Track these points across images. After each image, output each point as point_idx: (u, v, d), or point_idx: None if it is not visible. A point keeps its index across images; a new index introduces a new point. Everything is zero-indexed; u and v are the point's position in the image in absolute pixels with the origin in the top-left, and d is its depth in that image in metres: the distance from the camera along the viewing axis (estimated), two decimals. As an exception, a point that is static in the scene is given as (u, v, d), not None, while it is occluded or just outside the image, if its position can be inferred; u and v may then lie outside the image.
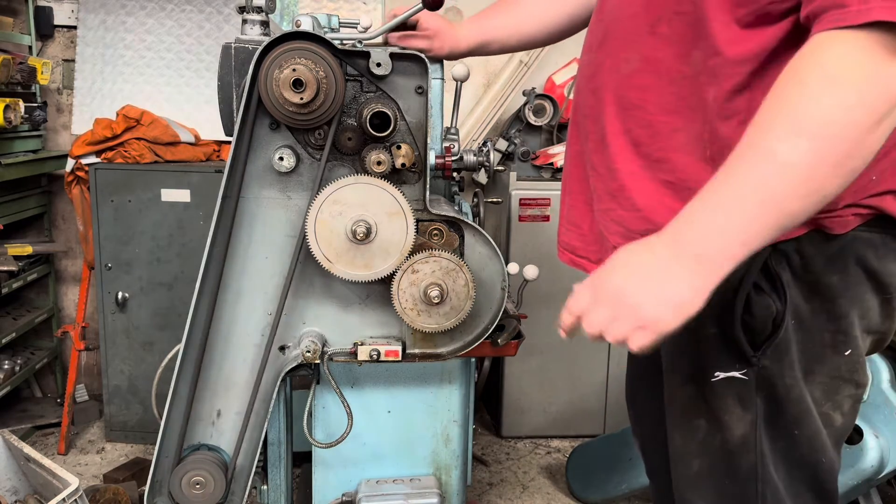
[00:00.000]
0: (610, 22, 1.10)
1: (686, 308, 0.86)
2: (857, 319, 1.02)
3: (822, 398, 1.04)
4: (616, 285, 0.89)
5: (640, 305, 0.87)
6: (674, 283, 0.86)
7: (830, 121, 0.78)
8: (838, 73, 0.78)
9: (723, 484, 1.09)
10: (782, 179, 0.80)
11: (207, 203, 2.57)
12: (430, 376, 1.63)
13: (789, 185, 0.80)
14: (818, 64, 0.79)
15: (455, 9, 3.06)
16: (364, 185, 1.34)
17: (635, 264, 0.89)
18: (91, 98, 2.97)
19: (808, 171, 0.79)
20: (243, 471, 1.50)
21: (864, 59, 0.77)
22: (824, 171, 0.79)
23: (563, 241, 1.25)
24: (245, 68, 1.33)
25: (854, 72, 0.77)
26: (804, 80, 0.80)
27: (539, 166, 2.81)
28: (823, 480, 1.06)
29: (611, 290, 0.90)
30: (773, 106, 0.82)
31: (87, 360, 3.19)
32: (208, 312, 1.41)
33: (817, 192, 0.81)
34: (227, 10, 2.98)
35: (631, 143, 1.07)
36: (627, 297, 0.88)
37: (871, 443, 1.83)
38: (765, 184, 0.81)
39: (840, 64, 0.78)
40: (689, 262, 0.85)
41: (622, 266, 0.90)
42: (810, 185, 0.80)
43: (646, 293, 0.87)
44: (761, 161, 0.81)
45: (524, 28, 1.48)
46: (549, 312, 2.77)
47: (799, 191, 0.80)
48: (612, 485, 2.38)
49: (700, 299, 0.86)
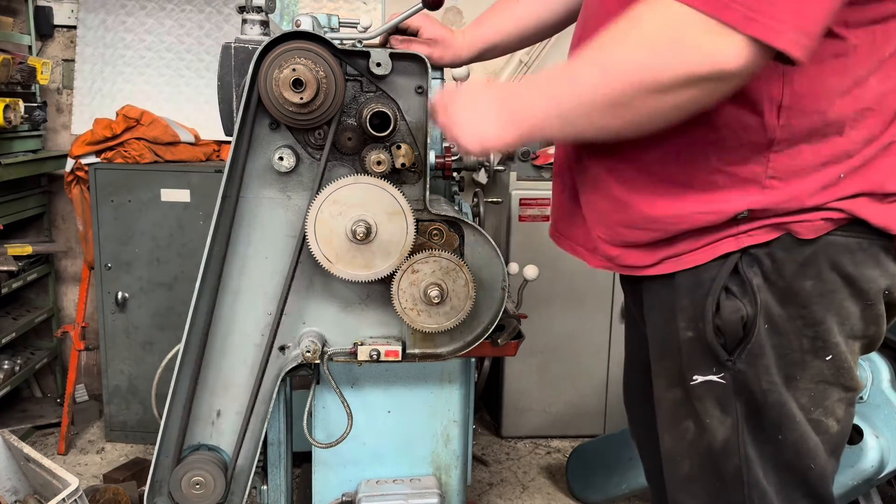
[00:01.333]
0: (587, 18, 1.13)
1: (488, 143, 1.06)
2: (835, 326, 1.01)
3: (811, 404, 1.04)
4: (454, 110, 1.10)
5: (461, 132, 1.08)
6: (486, 124, 1.05)
7: (618, 66, 0.89)
8: (647, 31, 0.87)
9: (712, 486, 1.09)
10: (571, 89, 0.95)
11: (207, 203, 2.57)
12: (430, 376, 1.63)
13: (573, 97, 0.95)
14: (639, 18, 0.88)
15: (455, 9, 3.06)
16: (364, 185, 1.34)
17: (470, 99, 1.09)
18: (91, 98, 2.97)
19: (588, 94, 0.92)
20: (243, 471, 1.49)
21: (673, 28, 0.84)
22: (599, 102, 0.92)
23: (563, 229, 1.27)
24: (245, 68, 1.33)
25: (657, 35, 0.86)
26: (625, 27, 0.89)
27: (539, 166, 2.81)
28: (815, 486, 1.06)
29: (450, 110, 1.11)
30: (600, 37, 0.92)
31: (87, 360, 3.20)
32: (208, 312, 1.41)
33: (591, 115, 0.94)
34: (227, 10, 2.98)
35: (601, 141, 1.09)
36: (455, 122, 1.10)
37: (871, 443, 1.83)
38: (561, 87, 0.97)
39: (652, 24, 0.87)
40: (504, 114, 1.03)
41: (464, 96, 1.10)
42: (586, 106, 0.93)
43: (466, 124, 1.08)
44: (568, 70, 0.97)
45: (523, 25, 1.48)
46: (549, 312, 2.78)
47: (577, 104, 0.94)
48: (612, 485, 2.38)
49: (501, 142, 1.05)
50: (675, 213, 1.03)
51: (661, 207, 1.05)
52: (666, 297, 1.09)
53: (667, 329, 1.10)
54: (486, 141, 1.06)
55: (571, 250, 1.25)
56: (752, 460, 1.04)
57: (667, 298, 1.09)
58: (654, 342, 1.16)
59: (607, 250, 1.14)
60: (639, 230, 1.08)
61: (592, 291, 2.77)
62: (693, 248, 1.04)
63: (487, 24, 1.50)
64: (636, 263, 1.11)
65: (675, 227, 1.04)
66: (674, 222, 1.04)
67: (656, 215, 1.05)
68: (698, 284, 1.04)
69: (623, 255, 1.12)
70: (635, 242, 1.09)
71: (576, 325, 2.79)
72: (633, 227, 1.09)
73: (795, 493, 1.06)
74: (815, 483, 1.06)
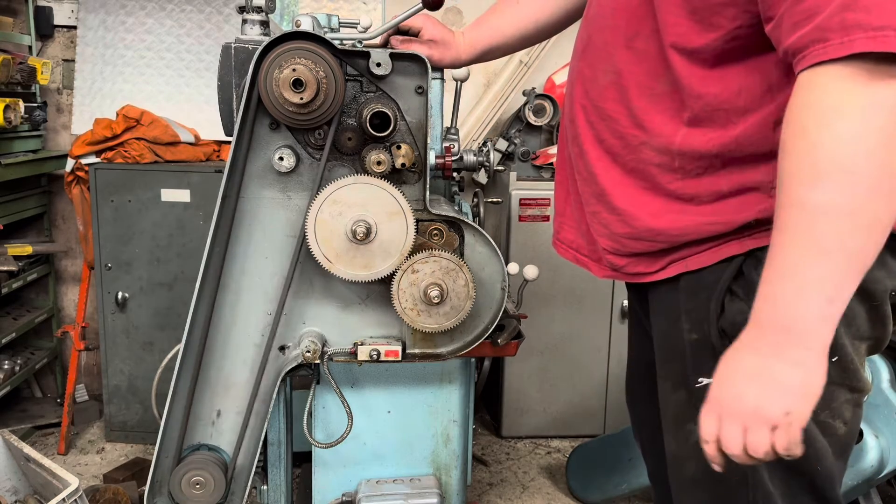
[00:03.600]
0: (593, 30, 1.12)
1: (805, 387, 0.84)
2: (841, 327, 0.98)
3: (817, 406, 1.02)
4: (731, 397, 0.87)
5: (760, 407, 0.84)
6: (780, 370, 0.84)
7: (843, 154, 0.78)
8: (832, 109, 0.78)
9: (717, 488, 1.08)
10: (827, 224, 0.79)
11: (207, 203, 2.57)
12: (430, 376, 1.63)
13: (838, 227, 0.79)
14: (810, 106, 0.80)
15: (455, 9, 3.06)
16: (364, 185, 1.34)
17: (738, 368, 0.87)
18: (91, 98, 2.96)
19: (848, 206, 0.78)
20: (243, 471, 1.50)
21: (850, 87, 0.78)
22: (865, 200, 0.78)
23: (566, 238, 1.27)
24: (245, 68, 1.33)
25: (847, 103, 0.78)
26: (803, 126, 0.80)
27: (539, 166, 2.81)
28: (822, 489, 1.05)
29: (729, 405, 0.87)
30: (786, 161, 0.82)
31: (87, 360, 3.19)
32: (208, 312, 1.41)
33: (872, 221, 0.79)
34: (227, 10, 2.97)
35: (606, 152, 1.11)
36: (746, 404, 0.85)
37: (871, 443, 1.83)
38: (814, 235, 0.80)
39: (830, 100, 0.79)
40: (786, 341, 0.83)
41: (728, 377, 0.89)
42: (859, 218, 0.79)
43: (760, 392, 0.85)
44: (798, 216, 0.81)
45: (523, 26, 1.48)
46: (549, 312, 2.78)
47: (850, 228, 0.79)
48: (612, 485, 2.37)
49: (815, 371, 0.83)
50: (683, 226, 1.04)
51: (668, 221, 1.05)
52: (671, 300, 1.09)
53: (672, 332, 1.10)
54: (799, 387, 0.84)
55: (575, 260, 1.25)
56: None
57: (672, 301, 1.09)
58: (659, 345, 1.15)
59: (614, 261, 1.14)
60: (645, 242, 1.08)
61: (592, 291, 2.77)
62: (698, 251, 1.04)
63: (487, 26, 1.49)
64: (643, 271, 1.11)
65: (683, 238, 1.04)
66: (681, 234, 1.04)
67: (662, 228, 1.05)
68: (703, 287, 1.04)
69: (630, 264, 1.13)
70: (642, 252, 1.10)
71: (576, 325, 2.79)
72: (639, 240, 1.09)
73: (802, 495, 1.05)
74: (822, 485, 1.05)
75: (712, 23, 0.93)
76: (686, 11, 0.95)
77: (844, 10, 0.77)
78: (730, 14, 0.92)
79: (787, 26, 0.83)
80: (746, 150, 0.98)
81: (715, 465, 0.92)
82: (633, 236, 1.09)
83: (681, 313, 1.07)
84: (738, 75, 0.96)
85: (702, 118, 0.99)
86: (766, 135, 0.96)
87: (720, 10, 0.92)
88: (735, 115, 0.97)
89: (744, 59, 0.95)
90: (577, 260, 1.24)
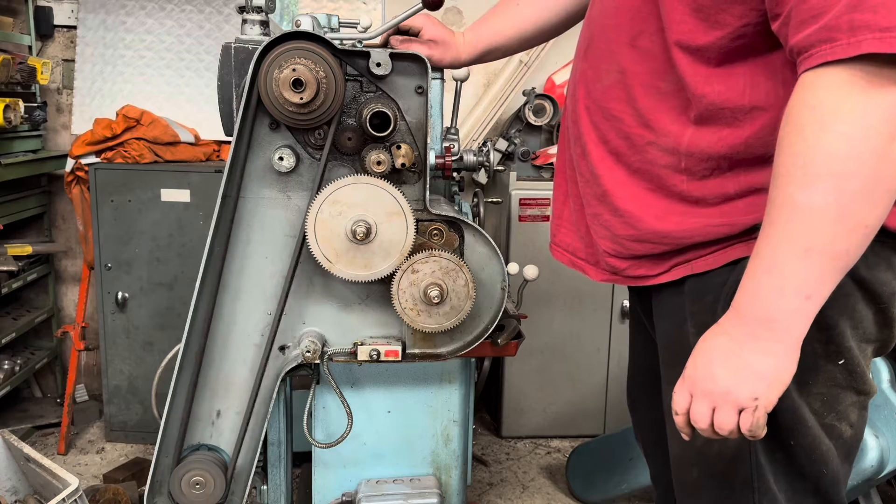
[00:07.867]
0: (596, 30, 1.12)
1: (775, 376, 0.87)
2: (848, 330, 1.00)
3: (824, 409, 1.02)
4: (704, 376, 0.91)
5: (730, 389, 0.88)
6: (753, 358, 0.87)
7: (838, 157, 0.79)
8: (832, 111, 0.79)
9: (721, 492, 1.08)
10: (815, 225, 0.81)
11: (207, 203, 2.56)
12: (430, 376, 1.63)
13: (825, 228, 0.81)
14: (810, 106, 0.81)
15: (455, 9, 3.06)
16: (364, 185, 1.34)
17: (714, 350, 0.91)
18: (91, 98, 2.96)
19: (837, 209, 0.80)
20: (243, 471, 1.50)
21: (852, 90, 0.78)
22: (854, 204, 0.80)
23: (563, 241, 1.26)
24: (245, 68, 1.33)
25: (847, 107, 0.79)
26: (802, 125, 0.81)
27: (539, 166, 2.81)
28: (827, 492, 1.05)
29: (702, 383, 0.91)
30: (781, 158, 0.83)
31: (86, 360, 3.19)
32: (208, 312, 1.41)
33: (859, 224, 0.81)
34: (227, 10, 2.97)
35: (610, 153, 1.09)
36: (717, 384, 0.89)
37: (871, 443, 1.83)
38: (801, 234, 0.82)
39: (831, 102, 0.79)
40: (762, 331, 0.86)
41: (704, 356, 0.92)
42: (847, 221, 0.81)
43: (731, 375, 0.88)
44: (788, 214, 0.83)
45: (523, 27, 1.48)
46: (549, 312, 2.78)
47: (837, 230, 0.81)
48: (612, 485, 2.37)
49: (786, 362, 0.86)
50: (689, 229, 1.03)
51: (674, 223, 1.03)
52: (676, 303, 1.08)
53: (677, 334, 1.09)
54: (770, 374, 0.87)
55: (571, 264, 1.24)
56: (762, 466, 1.03)
57: (677, 304, 1.08)
58: (663, 348, 1.15)
59: (614, 264, 1.13)
60: (649, 244, 1.07)
61: (592, 291, 2.77)
62: (703, 253, 1.03)
63: (488, 26, 1.49)
64: (646, 274, 1.10)
65: (688, 240, 1.03)
66: (687, 236, 1.03)
67: (668, 230, 1.04)
68: (709, 290, 1.03)
69: (631, 267, 1.11)
70: (645, 254, 1.08)
71: (576, 325, 2.79)
72: (642, 242, 1.07)
73: (807, 499, 1.05)
74: (827, 489, 1.04)
75: (718, 20, 0.93)
76: (691, 9, 0.94)
77: (852, 10, 0.77)
78: (737, 12, 0.91)
79: (793, 24, 0.83)
80: (755, 151, 0.97)
81: (683, 434, 0.97)
82: (636, 238, 1.08)
83: (686, 316, 1.06)
84: (744, 74, 0.95)
85: (707, 117, 0.98)
86: (776, 137, 0.96)
87: (727, 8, 0.92)
88: (741, 114, 0.96)
89: (750, 57, 0.95)
90: (574, 263, 1.23)
